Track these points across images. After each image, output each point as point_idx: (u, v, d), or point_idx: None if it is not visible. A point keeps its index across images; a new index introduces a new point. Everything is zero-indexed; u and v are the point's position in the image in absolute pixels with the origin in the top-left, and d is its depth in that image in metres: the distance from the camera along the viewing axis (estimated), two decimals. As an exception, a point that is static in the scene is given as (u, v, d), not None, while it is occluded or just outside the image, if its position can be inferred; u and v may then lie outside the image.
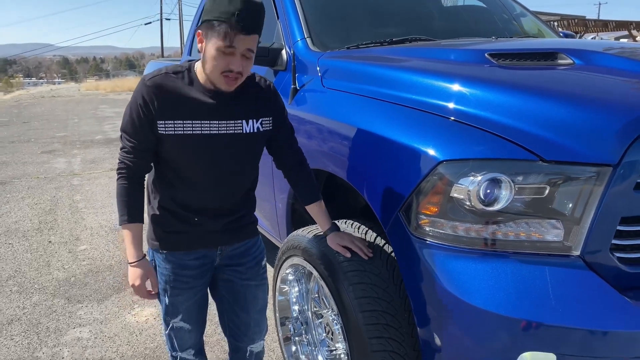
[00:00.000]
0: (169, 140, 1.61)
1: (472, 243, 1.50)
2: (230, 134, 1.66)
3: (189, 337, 1.90)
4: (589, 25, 20.30)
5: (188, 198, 1.72)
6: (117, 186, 1.67)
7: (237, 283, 1.89)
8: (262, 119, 1.73)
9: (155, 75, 1.61)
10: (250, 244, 1.89)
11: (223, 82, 1.57)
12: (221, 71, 1.54)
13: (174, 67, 1.66)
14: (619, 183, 1.38)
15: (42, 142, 9.83)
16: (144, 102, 1.59)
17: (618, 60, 1.86)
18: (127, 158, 1.66)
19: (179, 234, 1.75)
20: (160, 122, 1.59)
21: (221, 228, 1.78)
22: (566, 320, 1.37)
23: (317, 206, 1.92)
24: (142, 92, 1.59)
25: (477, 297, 1.44)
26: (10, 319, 3.12)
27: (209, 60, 1.54)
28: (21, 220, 5.04)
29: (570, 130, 1.44)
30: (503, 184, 1.45)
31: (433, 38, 2.67)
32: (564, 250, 1.45)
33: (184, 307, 1.83)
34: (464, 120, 1.59)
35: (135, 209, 1.67)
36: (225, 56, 1.51)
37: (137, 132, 1.62)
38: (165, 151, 1.65)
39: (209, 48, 1.52)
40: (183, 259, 1.77)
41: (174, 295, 1.80)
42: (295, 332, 2.45)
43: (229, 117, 1.65)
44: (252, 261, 1.89)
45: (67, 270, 3.84)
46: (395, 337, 1.74)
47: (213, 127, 1.63)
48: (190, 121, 1.61)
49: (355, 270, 1.82)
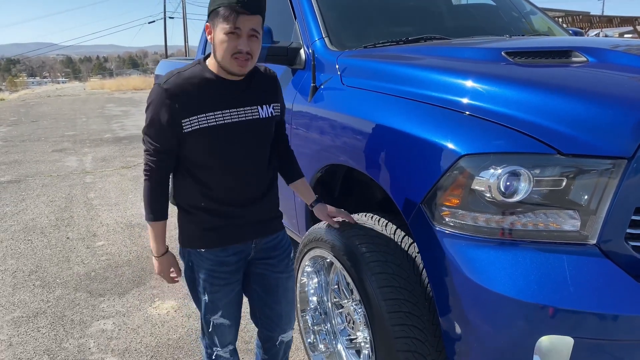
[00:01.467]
0: (195, 136, 1.67)
1: (492, 233, 1.58)
2: (249, 120, 1.74)
3: (228, 332, 1.97)
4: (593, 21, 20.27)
5: (218, 192, 1.77)
6: (145, 186, 1.77)
7: (269, 276, 1.95)
8: (272, 104, 1.83)
9: (170, 78, 1.68)
10: (280, 236, 1.97)
11: (235, 65, 1.64)
12: (231, 54, 1.62)
13: (184, 67, 1.76)
14: (634, 175, 1.45)
15: (53, 141, 9.94)
16: (164, 106, 1.65)
17: (629, 58, 1.93)
18: (151, 160, 1.73)
19: (214, 230, 1.80)
20: (185, 121, 1.65)
21: (253, 220, 1.84)
22: (583, 305, 1.45)
23: (302, 182, 2.07)
24: (162, 96, 1.66)
25: (498, 284, 1.52)
26: (36, 312, 3.22)
27: (218, 47, 1.63)
28: (38, 218, 5.14)
29: (587, 125, 1.51)
30: (522, 177, 1.52)
31: (447, 37, 2.74)
32: (580, 239, 1.52)
33: (223, 304, 1.90)
34: (483, 116, 1.66)
35: (160, 207, 1.78)
36: (232, 38, 1.60)
37: (159, 135, 1.69)
38: (191, 149, 1.71)
39: (217, 34, 1.62)
40: (220, 256, 1.83)
41: (213, 292, 1.86)
42: (314, 322, 2.53)
43: (245, 104, 1.74)
44: (283, 254, 1.97)
45: (87, 265, 3.94)
46: (416, 324, 1.81)
47: (233, 115, 1.71)
48: (212, 113, 1.68)
49: (377, 260, 1.90)
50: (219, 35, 1.61)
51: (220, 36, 1.61)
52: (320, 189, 2.57)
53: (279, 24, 2.98)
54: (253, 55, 1.65)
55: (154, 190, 1.76)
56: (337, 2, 2.93)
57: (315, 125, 2.42)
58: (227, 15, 1.57)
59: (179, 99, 1.65)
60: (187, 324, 3.05)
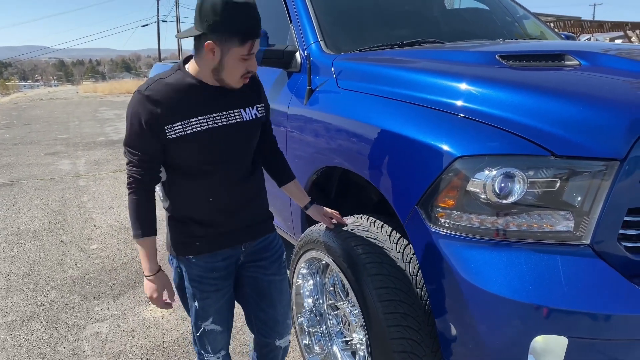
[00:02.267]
0: (179, 143, 1.64)
1: (487, 234, 1.59)
2: (233, 124, 1.72)
3: (220, 338, 1.94)
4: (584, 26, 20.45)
5: (205, 198, 1.75)
6: (129, 200, 1.70)
7: (262, 279, 1.94)
8: (256, 106, 1.81)
9: (150, 84, 1.64)
10: (270, 238, 1.95)
11: (240, 83, 1.67)
12: (242, 75, 1.65)
13: (164, 73, 1.71)
14: (626, 176, 1.48)
15: (45, 144, 9.89)
16: (146, 112, 1.60)
17: (620, 61, 1.96)
18: (134, 172, 1.68)
19: (203, 237, 1.78)
20: (168, 127, 1.62)
21: (242, 225, 1.83)
22: (577, 305, 1.47)
23: (294, 184, 2.05)
24: (143, 102, 1.61)
25: (493, 284, 1.53)
26: (30, 315, 3.21)
27: (229, 68, 1.62)
28: (31, 221, 5.11)
29: (580, 127, 1.54)
30: (516, 178, 1.54)
31: (441, 40, 2.77)
32: (574, 239, 1.54)
33: (214, 310, 1.87)
34: (478, 118, 1.68)
35: (148, 223, 1.71)
36: (245, 62, 1.62)
37: (142, 143, 1.65)
38: (175, 156, 1.68)
39: (230, 58, 1.59)
40: (209, 262, 1.80)
41: (203, 299, 1.83)
42: (310, 324, 2.54)
43: (228, 108, 1.72)
44: (274, 255, 1.95)
45: (81, 269, 3.93)
46: (412, 326, 1.83)
47: (217, 119, 1.69)
48: (197, 118, 1.65)
49: (373, 262, 1.91)
50: (232, 59, 1.60)
51: (235, 60, 1.60)
52: (316, 191, 2.58)
53: (274, 27, 3.00)
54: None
55: (140, 204, 1.69)
56: (332, 5, 2.95)
57: (311, 127, 2.43)
58: (245, 42, 1.57)
59: (161, 105, 1.61)
60: (182, 327, 3.04)
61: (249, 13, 1.55)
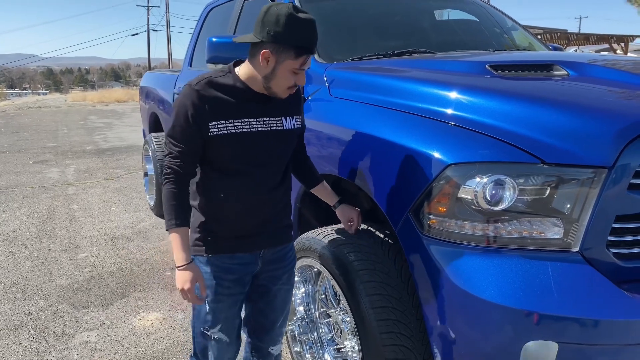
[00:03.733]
0: (219, 141, 1.69)
1: (478, 240, 1.61)
2: (274, 131, 1.77)
3: (226, 351, 1.92)
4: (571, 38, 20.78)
5: (234, 199, 1.78)
6: (165, 191, 1.72)
7: (271, 288, 1.96)
8: (296, 116, 1.86)
9: (201, 80, 1.71)
10: (288, 248, 1.97)
11: (285, 94, 1.73)
12: (289, 87, 1.70)
13: (215, 72, 1.77)
14: (614, 184, 1.51)
15: (34, 152, 9.81)
16: (193, 106, 1.66)
17: (607, 71, 2.01)
18: (174, 163, 1.71)
19: (224, 237, 1.81)
20: (212, 123, 1.67)
21: (265, 230, 1.85)
22: (567, 310, 1.49)
23: (323, 186, 2.09)
24: (192, 96, 1.67)
25: (484, 291, 1.55)
26: (17, 324, 3.17)
27: (279, 78, 1.67)
28: (19, 229, 5.06)
29: (569, 136, 1.57)
30: (507, 185, 1.57)
31: (432, 50, 2.80)
32: (564, 246, 1.57)
33: (224, 317, 1.86)
34: (468, 126, 1.71)
35: (183, 213, 1.73)
36: (295, 75, 1.67)
37: (185, 136, 1.69)
38: (214, 153, 1.73)
39: (283, 68, 1.65)
40: (226, 262, 1.82)
41: (214, 302, 1.83)
42: (301, 332, 2.54)
43: (271, 114, 1.77)
44: (288, 266, 1.98)
45: (70, 277, 3.89)
46: (404, 332, 1.84)
47: (259, 124, 1.74)
48: (239, 120, 1.71)
49: (365, 269, 1.92)
50: (284, 70, 1.65)
51: (286, 71, 1.65)
52: (308, 199, 2.59)
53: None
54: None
55: (176, 195, 1.71)
56: (324, 15, 2.98)
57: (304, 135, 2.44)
58: (300, 56, 1.63)
59: (208, 101, 1.67)
60: (173, 336, 3.02)
61: (309, 29, 1.62)
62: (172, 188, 1.71)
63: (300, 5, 2.93)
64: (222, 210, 1.79)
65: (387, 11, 3.23)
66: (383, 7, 3.26)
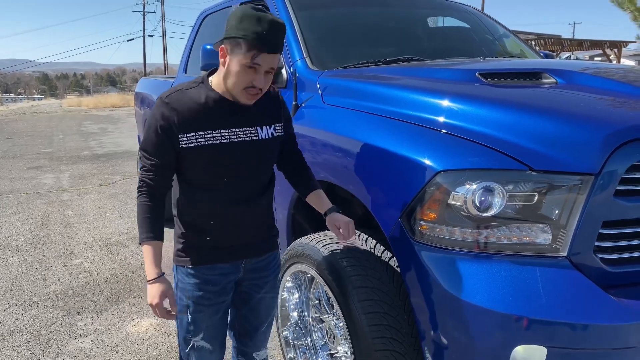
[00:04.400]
0: (191, 153, 1.67)
1: (468, 246, 1.64)
2: (248, 141, 1.73)
3: (209, 358, 1.91)
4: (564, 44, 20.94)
5: (211, 210, 1.75)
6: (138, 204, 1.70)
7: (254, 296, 1.95)
8: (274, 125, 1.82)
9: (172, 92, 1.69)
10: (271, 257, 1.95)
11: (244, 97, 1.65)
12: (244, 87, 1.62)
13: (188, 83, 1.75)
14: (600, 190, 1.54)
15: (28, 158, 9.80)
16: (164, 119, 1.64)
17: (595, 80, 2.04)
18: (147, 176, 1.69)
19: (204, 248, 1.79)
20: (182, 136, 1.65)
21: (245, 241, 1.83)
22: (555, 315, 1.51)
23: (316, 194, 1.99)
24: (162, 109, 1.66)
25: (474, 296, 1.57)
26: (11, 331, 3.17)
27: (232, 75, 1.62)
28: (13, 235, 5.05)
29: (556, 143, 1.59)
30: (496, 192, 1.59)
31: (424, 58, 2.83)
32: (552, 252, 1.59)
33: (206, 326, 1.84)
34: (458, 134, 1.74)
35: (156, 226, 1.69)
36: (249, 73, 1.59)
37: (157, 149, 1.67)
38: (187, 165, 1.70)
39: (234, 64, 1.60)
40: (207, 274, 1.80)
41: (196, 312, 1.81)
42: (295, 337, 2.55)
43: (245, 125, 1.73)
44: (271, 275, 1.96)
45: (64, 283, 3.89)
46: (396, 337, 1.85)
47: (232, 135, 1.70)
48: (211, 131, 1.67)
49: (358, 274, 1.94)
50: (235, 66, 1.60)
51: (237, 67, 1.59)
52: (301, 205, 2.61)
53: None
54: (263, 90, 1.66)
55: (148, 208, 1.69)
56: (318, 23, 3.01)
57: (297, 142, 2.47)
58: (250, 50, 1.56)
59: (178, 114, 1.65)
60: (167, 342, 3.03)
61: (263, 25, 1.55)
62: (144, 201, 1.69)
63: (294, 13, 2.96)
64: (200, 221, 1.77)
65: (380, 19, 3.27)
66: (376, 15, 3.30)
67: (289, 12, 2.97)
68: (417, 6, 3.64)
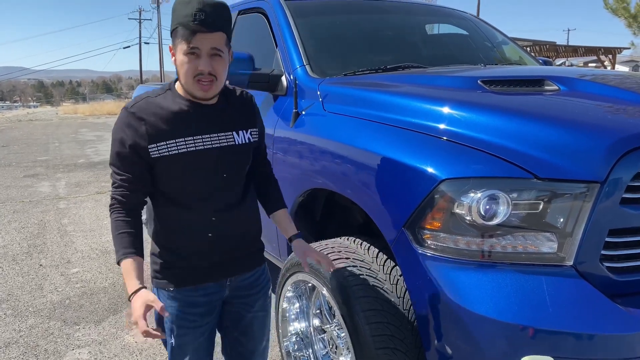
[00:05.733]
0: (163, 163, 1.57)
1: (473, 255, 1.62)
2: (224, 147, 1.64)
3: None
4: (559, 50, 21.06)
5: (188, 225, 1.65)
6: (111, 222, 1.59)
7: (245, 316, 1.84)
8: (250, 129, 1.73)
9: (138, 102, 1.59)
10: (258, 273, 1.85)
11: (197, 89, 1.54)
12: (193, 76, 1.52)
13: (153, 91, 1.66)
14: (606, 198, 1.52)
15: (24, 166, 9.75)
16: (130, 130, 1.55)
17: (597, 87, 2.04)
18: (118, 192, 1.59)
19: (184, 268, 1.68)
20: (151, 146, 1.55)
21: (228, 257, 1.72)
22: (562, 325, 1.49)
23: (283, 212, 1.90)
24: (127, 120, 1.56)
25: (479, 305, 1.55)
26: (7, 342, 3.12)
27: (180, 69, 1.53)
28: (9, 245, 5.01)
29: (561, 151, 1.58)
30: (501, 200, 1.58)
31: (424, 65, 2.83)
32: (557, 260, 1.58)
33: (192, 348, 1.74)
34: (462, 141, 1.72)
35: (131, 243, 1.56)
36: (192, 59, 1.50)
37: (126, 163, 1.57)
38: (160, 177, 1.61)
39: (178, 56, 1.52)
40: (191, 296, 1.69)
41: (180, 335, 1.71)
42: (296, 348, 2.52)
43: (219, 130, 1.64)
44: (260, 292, 1.85)
45: (61, 293, 3.85)
46: (400, 347, 1.83)
47: (206, 141, 1.61)
48: (183, 139, 1.57)
49: (360, 284, 1.92)
50: (179, 57, 1.52)
51: (180, 57, 1.51)
52: (302, 213, 2.59)
53: (261, 52, 3.04)
54: (217, 76, 1.54)
55: (119, 226, 1.57)
56: (317, 31, 3.00)
57: (298, 149, 2.46)
58: (185, 34, 1.48)
59: (146, 123, 1.55)
60: (166, 353, 2.98)
61: (193, 5, 1.47)
62: (118, 218, 1.59)
63: (294, 20, 2.96)
64: (178, 239, 1.66)
65: (380, 27, 3.26)
66: (375, 22, 3.30)
67: (289, 19, 2.96)
68: (416, 13, 3.64)
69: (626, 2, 12.99)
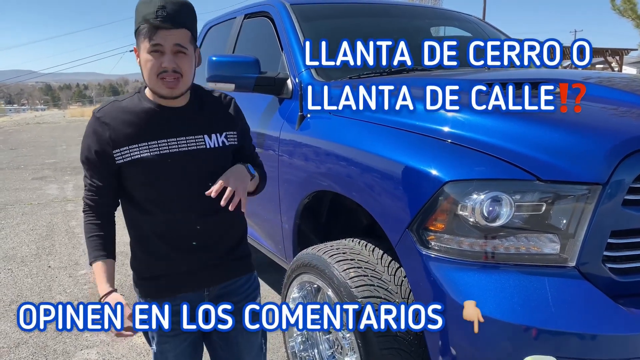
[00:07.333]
0: (127, 169, 1.55)
1: (476, 256, 1.64)
2: (193, 151, 1.59)
3: None
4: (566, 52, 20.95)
5: (161, 233, 1.61)
6: (84, 225, 1.60)
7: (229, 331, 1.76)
8: (226, 132, 1.66)
9: (104, 106, 1.58)
10: (241, 281, 1.77)
11: (163, 87, 1.50)
12: (157, 74, 1.48)
13: (123, 95, 1.65)
14: (608, 200, 1.54)
15: (33, 169, 9.84)
16: (96, 136, 1.54)
17: (600, 89, 2.05)
18: (88, 196, 1.60)
19: (159, 278, 1.65)
20: (115, 152, 1.53)
21: (204, 265, 1.67)
22: (564, 325, 1.51)
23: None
24: (93, 125, 1.55)
25: (483, 306, 1.57)
26: (17, 343, 3.16)
27: (144, 68, 1.50)
28: (18, 246, 5.06)
29: (564, 153, 1.60)
30: (504, 202, 1.59)
31: (428, 68, 2.84)
32: (560, 261, 1.59)
33: (173, 355, 1.71)
34: (466, 144, 1.74)
35: (102, 245, 1.57)
36: (156, 57, 1.47)
37: (93, 169, 1.57)
38: (128, 184, 1.58)
39: (142, 55, 1.50)
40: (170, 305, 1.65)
41: (160, 342, 1.69)
42: (302, 348, 2.54)
43: (187, 133, 1.59)
44: (243, 301, 1.76)
45: (70, 294, 3.89)
46: (404, 348, 1.85)
47: (172, 145, 1.56)
48: (146, 143, 1.54)
49: (365, 284, 1.94)
50: (143, 55, 1.49)
51: (144, 56, 1.48)
52: (307, 214, 2.61)
53: (266, 55, 3.06)
54: (183, 74, 1.50)
55: (91, 229, 1.58)
56: (323, 34, 3.02)
57: (303, 152, 2.48)
58: (148, 32, 1.45)
59: (111, 128, 1.53)
60: (173, 353, 3.02)
61: (154, 3, 1.45)
62: (90, 220, 1.60)
63: (299, 24, 2.99)
64: (152, 247, 1.63)
65: (384, 29, 3.28)
66: (380, 25, 3.32)
67: (294, 23, 2.99)
68: (421, 16, 3.66)
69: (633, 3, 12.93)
